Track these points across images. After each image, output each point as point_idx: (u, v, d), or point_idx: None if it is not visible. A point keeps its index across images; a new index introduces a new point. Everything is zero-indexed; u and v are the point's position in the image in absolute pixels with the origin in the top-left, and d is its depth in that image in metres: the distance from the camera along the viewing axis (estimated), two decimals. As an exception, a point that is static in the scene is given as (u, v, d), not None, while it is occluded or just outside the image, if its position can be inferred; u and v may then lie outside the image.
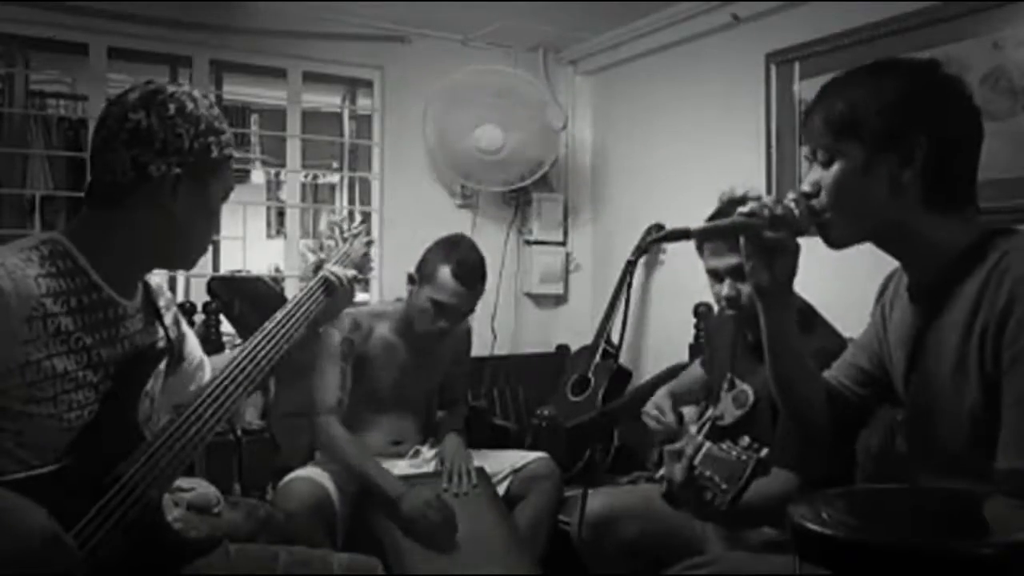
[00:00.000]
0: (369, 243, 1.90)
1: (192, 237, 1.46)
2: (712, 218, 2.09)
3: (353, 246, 1.84)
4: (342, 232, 1.91)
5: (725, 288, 2.04)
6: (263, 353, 1.52)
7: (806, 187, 1.31)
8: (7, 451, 1.28)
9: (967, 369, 1.21)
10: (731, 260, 1.99)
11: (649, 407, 2.24)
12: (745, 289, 1.97)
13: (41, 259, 1.31)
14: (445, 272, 2.47)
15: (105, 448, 1.33)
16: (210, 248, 3.71)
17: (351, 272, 1.73)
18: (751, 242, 1.32)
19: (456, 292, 2.48)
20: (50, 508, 1.20)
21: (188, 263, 1.53)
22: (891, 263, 1.40)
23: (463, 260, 2.50)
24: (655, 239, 1.43)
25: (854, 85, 1.28)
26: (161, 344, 1.50)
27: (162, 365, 1.50)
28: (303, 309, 1.63)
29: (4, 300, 1.23)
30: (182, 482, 1.89)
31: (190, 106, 1.39)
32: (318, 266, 1.71)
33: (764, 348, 1.40)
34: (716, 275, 2.07)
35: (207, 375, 1.65)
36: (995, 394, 1.17)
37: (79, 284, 1.34)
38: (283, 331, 1.57)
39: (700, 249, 2.10)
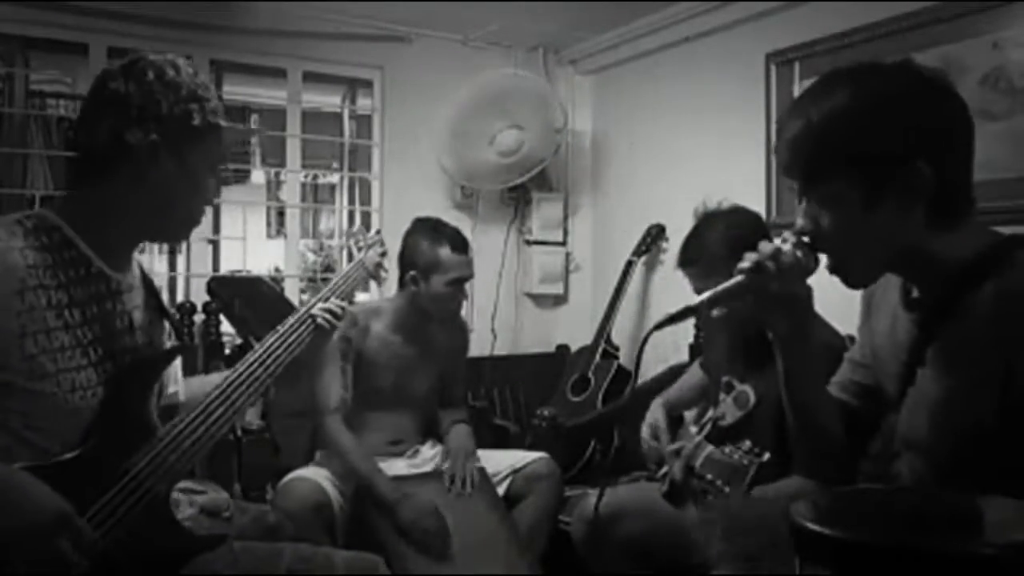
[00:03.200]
0: (383, 253, 1.94)
1: (176, 208, 1.43)
2: (689, 238, 2.06)
3: (369, 255, 1.88)
4: (358, 242, 1.95)
5: (714, 311, 2.01)
6: (273, 355, 1.54)
7: (805, 225, 1.22)
8: (14, 432, 1.28)
9: (984, 390, 1.16)
10: (715, 280, 1.96)
11: (644, 427, 2.22)
12: (735, 308, 1.95)
13: (25, 232, 1.30)
14: (446, 253, 2.56)
15: (115, 441, 1.34)
16: (210, 248, 3.71)
17: (339, 306, 1.73)
18: (761, 297, 1.25)
19: (462, 263, 2.60)
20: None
21: (175, 235, 1.52)
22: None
23: (451, 234, 2.61)
24: (659, 325, 1.27)
25: (827, 109, 1.17)
26: (173, 342, 1.51)
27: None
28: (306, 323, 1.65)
29: None
30: (194, 484, 1.91)
31: (170, 73, 1.36)
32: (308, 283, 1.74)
33: (781, 384, 1.36)
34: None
35: (177, 384, 1.64)
36: (1020, 418, 1.13)
37: (68, 257, 1.33)
38: (294, 335, 1.59)
39: (682, 267, 2.08)
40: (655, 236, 3.43)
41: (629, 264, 3.42)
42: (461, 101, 3.52)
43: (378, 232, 1.98)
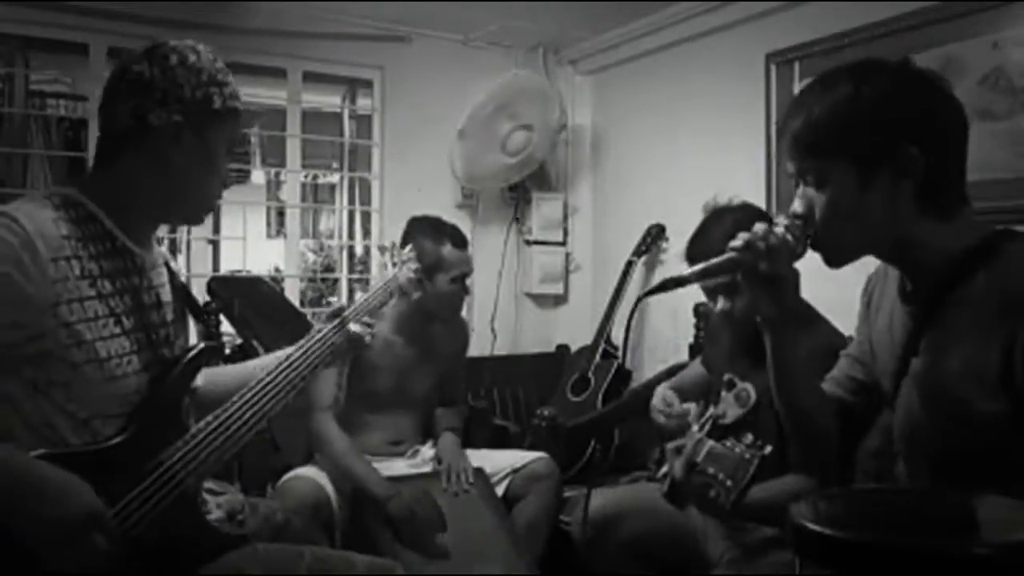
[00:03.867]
0: (416, 270, 1.95)
1: (197, 188, 1.47)
2: (697, 233, 2.08)
3: (402, 271, 1.89)
4: (392, 257, 1.96)
5: (719, 304, 2.02)
6: (305, 360, 1.56)
7: (799, 208, 1.27)
8: (57, 404, 1.30)
9: (984, 380, 1.17)
10: (721, 277, 1.97)
11: (657, 402, 2.22)
12: (739, 303, 1.96)
13: (55, 206, 1.34)
14: (448, 250, 2.59)
15: (151, 433, 1.37)
16: (210, 248, 3.71)
17: (369, 323, 1.73)
18: (749, 276, 1.29)
19: (464, 258, 2.64)
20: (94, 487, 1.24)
21: (194, 216, 1.56)
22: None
23: (450, 231, 2.64)
24: (648, 292, 1.37)
25: (829, 101, 1.23)
26: (212, 343, 1.54)
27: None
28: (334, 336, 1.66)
29: (29, 239, 1.26)
30: (214, 485, 1.91)
31: (192, 58, 1.41)
32: (337, 313, 1.71)
33: (770, 373, 1.37)
34: (708, 292, 2.06)
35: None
36: (1010, 410, 1.14)
37: (95, 231, 1.37)
38: (322, 343, 1.61)
39: (688, 262, 2.09)
40: (655, 236, 3.43)
41: (629, 264, 3.42)
42: (471, 104, 3.52)
43: (412, 249, 2.00)
